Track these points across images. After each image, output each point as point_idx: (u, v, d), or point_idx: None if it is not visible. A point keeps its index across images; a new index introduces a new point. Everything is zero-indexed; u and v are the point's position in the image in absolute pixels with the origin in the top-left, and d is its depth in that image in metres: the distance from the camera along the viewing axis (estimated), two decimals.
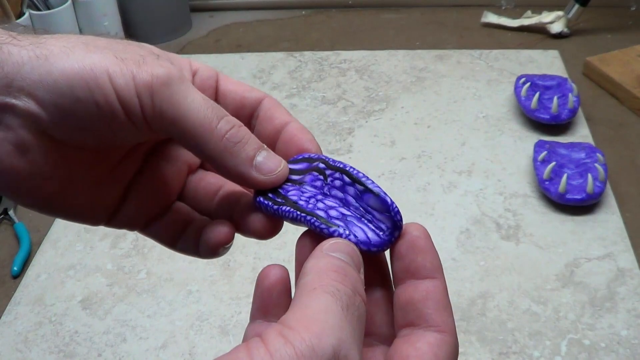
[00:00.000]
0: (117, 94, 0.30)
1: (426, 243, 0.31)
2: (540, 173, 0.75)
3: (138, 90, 0.30)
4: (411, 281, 0.30)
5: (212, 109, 0.31)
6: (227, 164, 0.31)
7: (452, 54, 1.02)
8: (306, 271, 0.28)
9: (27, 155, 0.30)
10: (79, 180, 0.33)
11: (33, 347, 0.65)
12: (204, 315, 0.66)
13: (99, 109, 0.30)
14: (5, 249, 0.76)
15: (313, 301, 0.26)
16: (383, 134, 0.88)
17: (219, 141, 0.31)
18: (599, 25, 1.08)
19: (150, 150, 0.36)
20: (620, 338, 0.61)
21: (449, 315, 0.30)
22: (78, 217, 0.34)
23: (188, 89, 0.31)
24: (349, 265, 0.28)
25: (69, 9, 1.02)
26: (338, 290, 0.26)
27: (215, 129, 0.31)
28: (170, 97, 0.31)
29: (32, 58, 0.30)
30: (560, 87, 0.87)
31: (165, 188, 0.36)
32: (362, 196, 0.31)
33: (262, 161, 0.32)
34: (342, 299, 0.26)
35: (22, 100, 0.30)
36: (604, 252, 0.70)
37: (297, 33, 1.14)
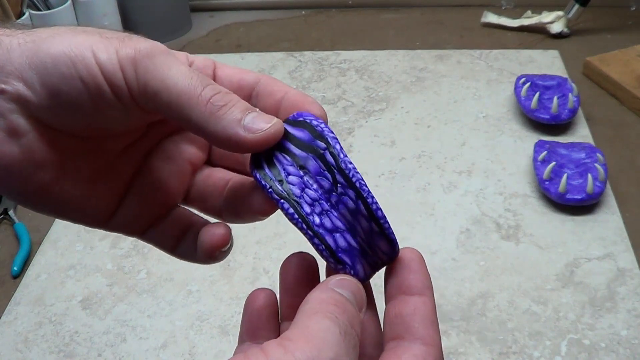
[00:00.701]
0: (101, 68, 0.30)
1: (419, 266, 0.32)
2: (540, 173, 0.75)
3: (121, 64, 0.30)
4: (402, 297, 0.31)
5: (196, 77, 0.31)
6: (214, 127, 0.30)
7: (452, 54, 1.02)
8: (309, 300, 0.28)
9: (20, 141, 0.30)
10: (74, 171, 0.32)
11: (33, 347, 0.65)
12: (204, 315, 0.66)
13: (84, 84, 0.30)
14: (5, 249, 0.76)
15: (313, 322, 0.27)
16: (383, 134, 0.88)
17: (204, 106, 0.30)
18: (599, 25, 1.08)
19: (150, 150, 0.36)
20: (620, 338, 0.61)
21: (435, 330, 0.30)
22: (73, 215, 0.34)
23: (172, 60, 0.31)
24: (350, 303, 0.29)
25: (69, 9, 1.02)
26: (337, 317, 0.27)
27: (200, 95, 0.30)
28: (154, 69, 0.30)
29: (20, 44, 0.30)
30: (560, 87, 0.87)
31: (167, 189, 0.35)
32: (373, 235, 0.30)
33: (251, 120, 0.31)
34: (341, 325, 0.27)
35: (11, 84, 0.30)
36: (604, 252, 0.70)
37: (297, 33, 1.14)
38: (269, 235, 0.74)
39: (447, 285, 0.67)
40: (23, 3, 0.99)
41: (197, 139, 0.37)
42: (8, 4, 0.96)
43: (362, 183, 0.30)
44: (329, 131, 0.31)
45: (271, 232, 0.74)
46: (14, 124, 0.30)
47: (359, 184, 0.30)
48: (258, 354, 0.25)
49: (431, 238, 0.72)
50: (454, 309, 0.65)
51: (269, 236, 0.74)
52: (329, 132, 0.31)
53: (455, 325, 0.63)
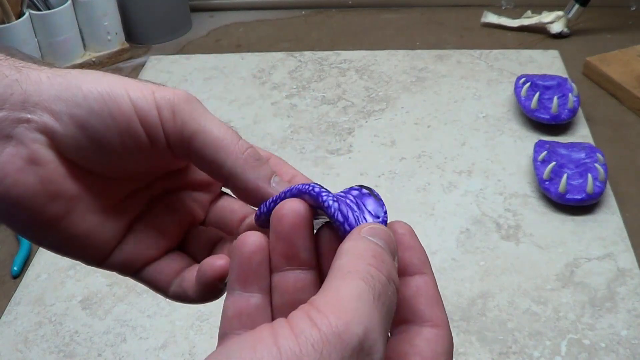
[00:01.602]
0: (135, 106, 0.31)
1: (412, 240, 0.31)
2: (540, 173, 0.75)
3: (158, 104, 0.31)
4: (401, 278, 0.30)
5: (231, 129, 0.32)
6: (247, 176, 0.32)
7: (452, 54, 1.02)
8: (342, 252, 0.27)
9: (38, 170, 0.30)
10: (85, 206, 0.32)
11: (33, 347, 0.65)
12: (204, 315, 0.66)
13: (114, 120, 0.30)
14: (5, 249, 0.76)
15: (346, 286, 0.25)
16: (383, 134, 0.88)
17: (240, 155, 0.32)
18: (599, 25, 1.08)
19: (156, 196, 0.36)
20: (620, 338, 0.61)
21: (441, 310, 0.30)
22: (73, 251, 0.34)
23: (206, 109, 0.33)
24: (385, 251, 0.28)
25: (69, 9, 1.02)
26: (372, 277, 0.26)
27: (238, 144, 0.32)
28: (192, 112, 0.32)
29: (50, 77, 0.31)
30: (560, 87, 0.87)
31: (164, 235, 0.36)
32: (362, 197, 0.32)
33: (278, 181, 0.33)
34: (375, 287, 0.26)
35: (38, 114, 0.30)
36: (604, 252, 0.70)
37: (297, 33, 1.14)
38: None
39: (447, 285, 0.67)
40: (23, 3, 0.99)
41: (200, 200, 0.37)
42: (8, 4, 0.96)
43: None
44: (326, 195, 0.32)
45: None
46: (35, 153, 0.30)
47: None
48: (283, 325, 0.24)
49: (431, 238, 0.72)
50: (454, 309, 0.65)
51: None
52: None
53: (455, 325, 0.63)
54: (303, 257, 0.30)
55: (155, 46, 1.13)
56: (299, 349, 0.23)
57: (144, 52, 1.12)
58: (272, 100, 0.95)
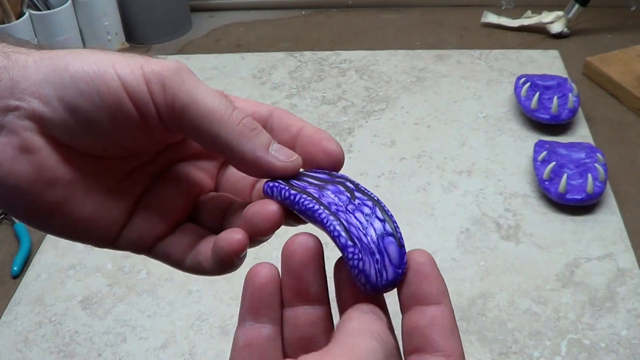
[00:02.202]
0: (123, 83, 0.30)
1: (432, 270, 0.30)
2: (540, 173, 0.75)
3: (147, 78, 0.30)
4: (417, 307, 0.30)
5: (225, 98, 0.31)
6: (243, 148, 0.31)
7: (452, 54, 1.02)
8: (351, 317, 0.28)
9: (31, 158, 0.30)
10: (84, 191, 0.32)
11: (33, 347, 0.65)
12: (204, 315, 0.66)
13: (103, 100, 0.30)
14: (5, 249, 0.76)
15: (360, 342, 0.26)
16: (383, 134, 0.88)
17: (235, 125, 0.31)
18: (599, 25, 1.08)
19: (159, 172, 0.35)
20: (620, 338, 0.61)
21: (456, 341, 0.30)
22: (80, 235, 0.33)
23: (198, 79, 0.31)
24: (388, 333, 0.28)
25: (69, 9, 1.02)
26: (383, 340, 0.26)
27: (232, 115, 0.31)
28: (182, 84, 0.31)
29: (37, 61, 0.30)
30: (560, 87, 0.87)
31: (174, 207, 0.35)
32: (385, 238, 0.30)
33: (277, 149, 0.32)
34: (387, 349, 0.26)
35: (26, 101, 0.29)
36: (604, 252, 0.70)
37: (297, 33, 1.14)
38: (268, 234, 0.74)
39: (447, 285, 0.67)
40: (23, 3, 0.99)
41: (207, 168, 0.37)
42: (8, 4, 0.96)
43: (379, 199, 0.31)
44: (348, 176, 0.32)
45: None
46: (27, 141, 0.30)
47: (377, 198, 0.31)
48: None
49: (431, 238, 0.72)
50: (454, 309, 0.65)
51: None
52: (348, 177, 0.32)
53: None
54: (313, 293, 0.30)
55: (155, 46, 1.13)
56: None
57: (144, 52, 1.12)
58: (272, 100, 0.95)
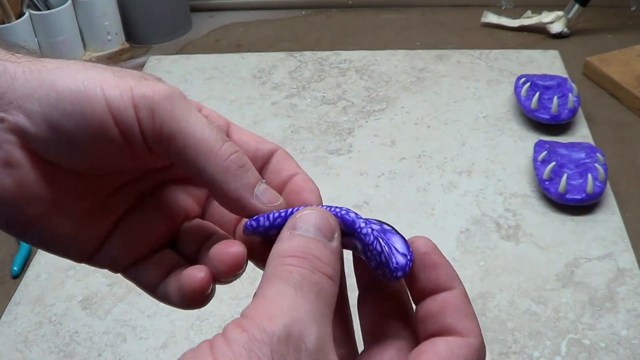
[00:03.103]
0: (110, 105, 0.29)
1: (437, 257, 0.31)
2: (540, 173, 0.75)
3: (136, 102, 0.29)
4: (430, 297, 0.30)
5: (216, 130, 0.30)
6: (228, 186, 0.30)
7: (452, 54, 1.02)
8: (269, 259, 0.28)
9: (13, 172, 0.29)
10: (65, 208, 0.31)
11: (33, 347, 0.65)
12: (204, 315, 0.66)
13: (86, 121, 0.29)
14: (5, 249, 0.76)
15: (266, 289, 0.27)
16: (383, 134, 0.88)
17: (223, 161, 0.30)
18: (599, 25, 1.08)
19: (146, 192, 0.35)
20: (620, 338, 0.61)
21: (471, 321, 0.29)
22: (58, 250, 0.33)
23: (191, 107, 0.30)
24: (313, 240, 0.28)
25: (69, 9, 1.02)
26: (290, 272, 0.27)
27: (220, 149, 0.30)
28: (172, 111, 0.29)
29: (25, 72, 0.29)
30: (560, 87, 0.87)
31: (154, 233, 0.34)
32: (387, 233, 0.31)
33: (262, 191, 0.31)
34: (295, 280, 0.27)
35: (11, 113, 0.29)
36: (604, 252, 0.70)
37: (297, 33, 1.14)
38: None
39: None
40: (23, 3, 0.99)
41: (195, 193, 0.36)
42: (8, 4, 0.96)
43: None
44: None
45: None
46: (8, 155, 0.29)
47: None
48: (219, 339, 0.25)
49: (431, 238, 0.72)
50: None
51: None
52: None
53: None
54: None
55: (155, 46, 1.13)
56: (232, 354, 0.24)
57: (144, 52, 1.12)
58: (272, 100, 0.95)
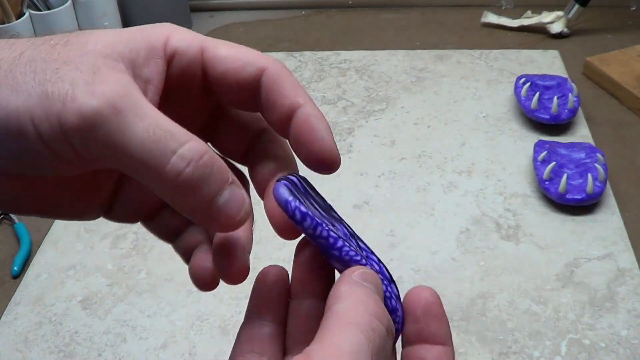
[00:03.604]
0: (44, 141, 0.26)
1: (440, 309, 0.30)
2: (540, 173, 0.75)
3: (68, 135, 0.25)
4: (424, 345, 0.29)
5: (161, 142, 0.25)
6: (182, 207, 0.27)
7: (452, 54, 1.02)
8: (341, 297, 0.26)
9: None
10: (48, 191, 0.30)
11: (33, 347, 0.65)
12: (204, 315, 0.66)
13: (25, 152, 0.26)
14: (5, 249, 0.76)
15: (346, 338, 0.24)
16: (383, 134, 0.88)
17: (172, 182, 0.26)
18: (599, 25, 1.08)
19: None
20: (620, 338, 0.61)
21: None
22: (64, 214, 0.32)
23: (127, 122, 0.25)
24: (380, 300, 0.27)
25: (69, 9, 1.02)
26: (374, 330, 0.25)
27: (166, 169, 0.25)
28: (107, 137, 0.25)
29: None
30: (560, 87, 0.87)
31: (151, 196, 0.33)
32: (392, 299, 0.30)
33: (224, 203, 0.27)
34: (376, 342, 0.24)
35: None
36: (604, 252, 0.70)
37: (297, 33, 1.14)
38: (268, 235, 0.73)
39: (447, 285, 0.67)
40: (23, 3, 0.99)
41: None
42: (8, 4, 0.96)
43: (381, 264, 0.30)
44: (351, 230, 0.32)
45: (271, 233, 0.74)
46: None
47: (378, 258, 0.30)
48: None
49: (431, 238, 0.72)
50: (454, 309, 0.65)
51: (269, 236, 0.73)
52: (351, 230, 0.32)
53: (455, 325, 0.63)
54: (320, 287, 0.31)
55: None
56: None
57: None
58: None
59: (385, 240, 0.72)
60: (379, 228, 0.74)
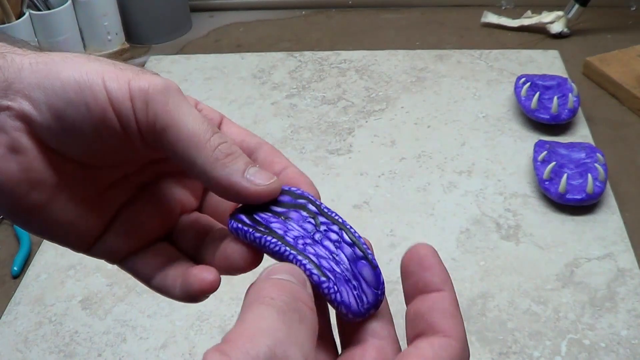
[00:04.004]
0: (109, 96, 0.30)
1: (433, 259, 0.31)
2: (540, 173, 0.75)
3: (132, 94, 0.30)
4: (420, 296, 0.30)
5: (206, 122, 0.31)
6: (218, 173, 0.31)
7: (452, 54, 1.02)
8: (246, 295, 0.28)
9: (19, 158, 0.30)
10: (67, 196, 0.32)
11: (33, 347, 0.65)
12: (204, 315, 0.66)
13: (89, 110, 0.30)
14: (5, 249, 0.76)
15: (248, 314, 0.26)
16: (383, 134, 0.88)
17: (211, 151, 0.31)
18: (599, 25, 1.08)
19: (144, 184, 0.36)
20: (620, 338, 0.61)
21: (457, 323, 0.29)
22: (58, 238, 0.34)
23: (185, 101, 0.31)
24: (290, 281, 0.28)
25: (69, 9, 1.02)
26: (272, 298, 0.27)
27: (209, 141, 0.31)
28: (166, 105, 0.30)
29: (32, 64, 0.30)
30: (560, 87, 0.87)
31: (152, 225, 0.35)
32: (357, 262, 0.31)
33: (253, 173, 0.32)
34: (277, 305, 0.26)
35: (17, 101, 0.30)
36: (604, 252, 0.70)
37: (297, 33, 1.14)
38: None
39: None
40: (23, 3, 0.99)
41: (192, 186, 0.37)
42: (8, 4, 0.96)
43: (344, 220, 0.31)
44: (309, 194, 0.32)
45: None
46: (15, 141, 0.30)
47: (342, 220, 0.31)
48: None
49: (431, 238, 0.72)
50: None
51: None
52: (309, 194, 0.32)
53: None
54: None
55: (155, 46, 1.13)
56: None
57: (144, 52, 1.12)
58: (272, 100, 0.95)
59: (385, 240, 0.72)
60: (379, 228, 0.74)
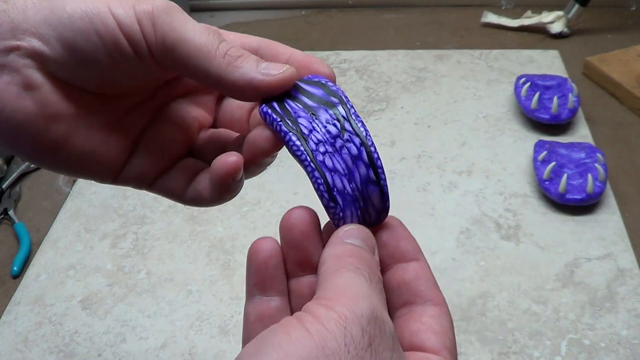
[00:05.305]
0: (118, 22, 0.31)
1: (405, 230, 0.33)
2: (540, 173, 0.75)
3: (139, 17, 0.32)
4: (398, 265, 0.32)
5: (212, 33, 0.32)
6: (233, 76, 0.32)
7: (452, 54, 1.02)
8: (324, 259, 0.29)
9: (34, 94, 0.31)
10: (86, 125, 0.33)
11: (33, 347, 0.65)
12: (204, 315, 0.66)
13: (100, 38, 0.31)
14: (5, 249, 0.76)
15: (339, 279, 0.28)
16: (383, 134, 0.88)
17: (221, 57, 0.32)
18: (599, 25, 1.08)
19: (158, 109, 0.37)
20: (620, 338, 0.61)
21: (439, 290, 0.32)
22: (84, 170, 0.34)
23: (187, 17, 0.33)
24: (364, 249, 0.30)
25: None
26: (358, 267, 0.28)
27: (218, 49, 0.32)
28: (172, 23, 0.32)
29: (35, 3, 0.31)
30: (560, 87, 0.87)
31: (173, 143, 0.37)
32: (369, 184, 0.32)
33: (266, 66, 0.33)
34: (364, 274, 0.28)
35: (26, 40, 0.31)
36: (604, 252, 0.70)
37: (297, 33, 1.14)
38: (268, 234, 0.74)
39: (447, 285, 0.67)
40: None
41: (205, 103, 0.38)
42: None
43: (368, 133, 0.32)
44: (343, 93, 0.33)
45: (271, 232, 0.74)
46: (28, 78, 0.31)
47: (366, 133, 0.32)
48: (306, 315, 0.26)
49: (431, 238, 0.72)
50: (454, 309, 0.65)
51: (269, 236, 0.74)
52: (343, 93, 0.33)
53: (455, 325, 0.63)
54: (315, 262, 0.31)
55: None
56: (325, 328, 0.25)
57: None
58: None
59: None
60: None
